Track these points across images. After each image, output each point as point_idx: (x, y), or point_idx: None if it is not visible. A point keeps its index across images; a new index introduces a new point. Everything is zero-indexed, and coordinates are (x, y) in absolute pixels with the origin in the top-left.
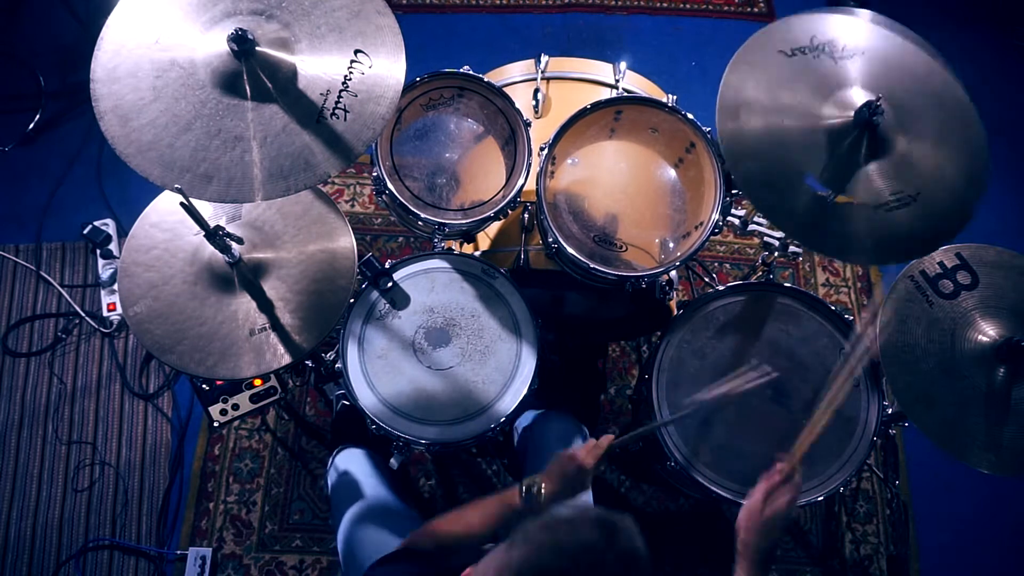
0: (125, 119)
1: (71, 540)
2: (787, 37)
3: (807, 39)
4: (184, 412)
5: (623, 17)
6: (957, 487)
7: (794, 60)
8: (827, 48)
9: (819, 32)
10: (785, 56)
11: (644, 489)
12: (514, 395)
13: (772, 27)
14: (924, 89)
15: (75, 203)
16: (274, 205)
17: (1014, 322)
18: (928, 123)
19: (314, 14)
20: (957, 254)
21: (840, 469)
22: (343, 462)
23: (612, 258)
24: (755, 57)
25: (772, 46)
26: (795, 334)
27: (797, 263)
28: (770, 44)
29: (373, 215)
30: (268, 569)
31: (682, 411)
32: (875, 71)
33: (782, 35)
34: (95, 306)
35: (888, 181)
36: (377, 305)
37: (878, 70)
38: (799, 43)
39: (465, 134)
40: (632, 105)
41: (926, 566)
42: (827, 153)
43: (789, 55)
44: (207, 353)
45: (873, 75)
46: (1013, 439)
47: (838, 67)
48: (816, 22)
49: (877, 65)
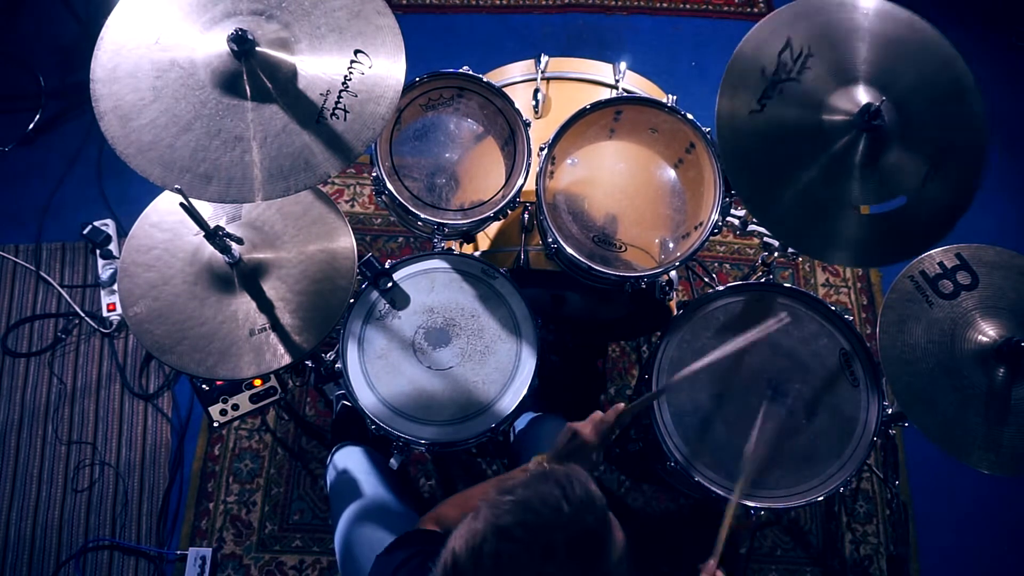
0: (125, 119)
1: (71, 540)
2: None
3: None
4: (184, 412)
5: (623, 17)
6: (957, 487)
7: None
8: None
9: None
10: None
11: (644, 489)
12: (514, 395)
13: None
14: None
15: (75, 203)
16: (274, 205)
17: (1014, 322)
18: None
19: (314, 14)
20: (957, 254)
21: (840, 469)
22: (342, 460)
23: (612, 258)
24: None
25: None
26: (795, 334)
27: (797, 263)
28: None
29: (373, 215)
30: (268, 569)
31: (695, 365)
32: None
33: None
34: (95, 306)
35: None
36: (377, 305)
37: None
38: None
39: (465, 134)
40: (632, 105)
41: (926, 566)
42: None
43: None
44: (207, 353)
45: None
46: (1013, 439)
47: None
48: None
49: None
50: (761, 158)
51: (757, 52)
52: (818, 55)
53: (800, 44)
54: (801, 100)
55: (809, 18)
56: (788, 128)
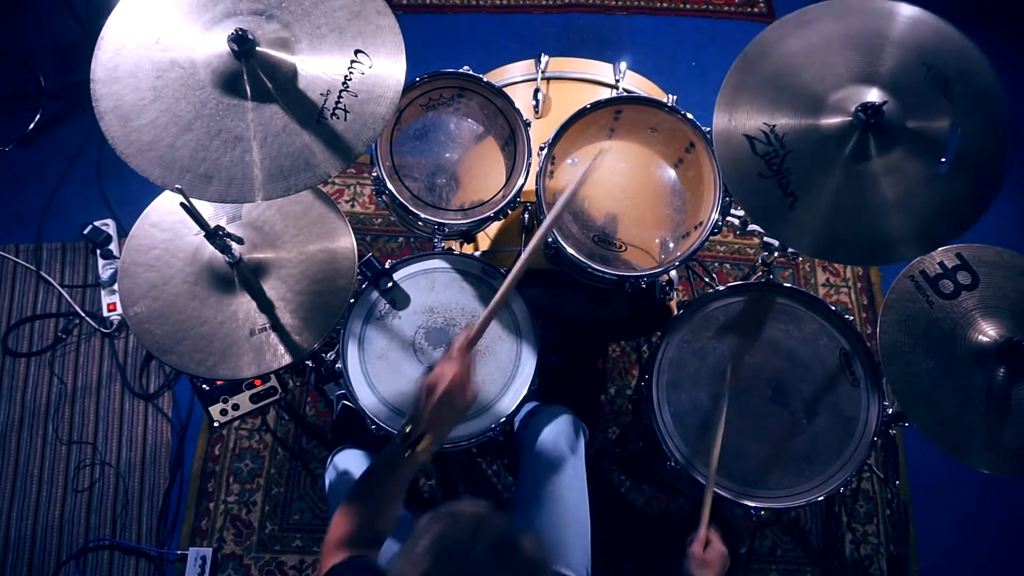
0: (125, 119)
1: (71, 540)
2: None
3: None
4: (184, 412)
5: (623, 17)
6: (957, 487)
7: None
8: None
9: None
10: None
11: (644, 489)
12: (514, 395)
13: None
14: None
15: (75, 203)
16: (274, 205)
17: (1014, 322)
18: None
19: (314, 14)
20: (957, 254)
21: (840, 469)
22: (342, 462)
23: (612, 258)
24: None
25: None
26: (795, 334)
27: (797, 263)
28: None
29: (373, 215)
30: (268, 569)
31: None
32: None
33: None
34: (95, 306)
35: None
36: (377, 305)
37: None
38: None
39: (465, 134)
40: (632, 105)
41: (926, 566)
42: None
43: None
44: (207, 353)
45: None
46: (1013, 439)
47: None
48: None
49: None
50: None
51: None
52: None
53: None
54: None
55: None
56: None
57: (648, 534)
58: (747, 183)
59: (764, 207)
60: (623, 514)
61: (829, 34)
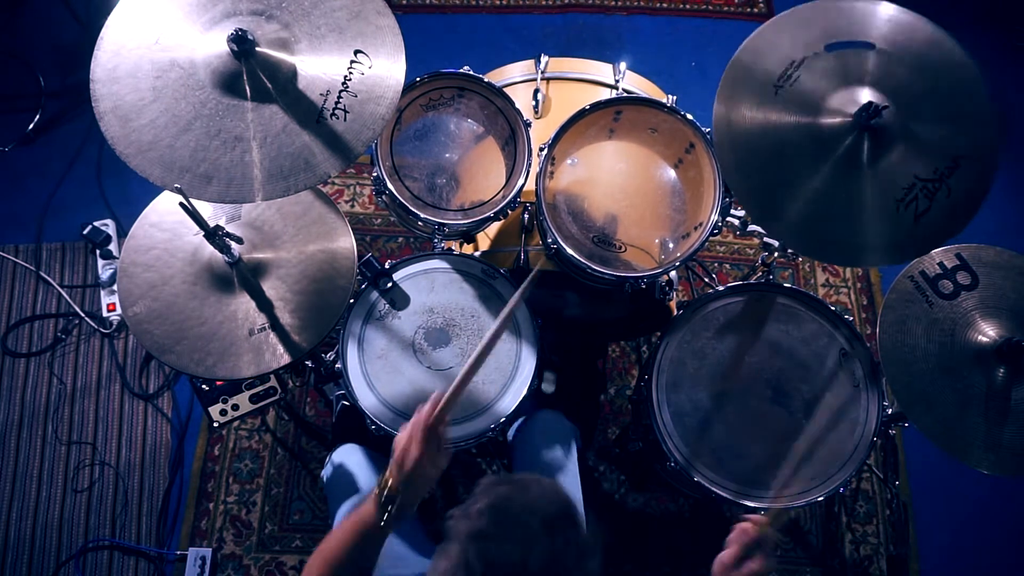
0: (125, 119)
1: (71, 540)
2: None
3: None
4: (184, 412)
5: (623, 17)
6: (957, 487)
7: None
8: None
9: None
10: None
11: (644, 490)
12: (514, 395)
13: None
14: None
15: (75, 203)
16: (274, 205)
17: (1014, 322)
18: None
19: (314, 14)
20: (957, 254)
21: (840, 469)
22: (340, 456)
23: (611, 259)
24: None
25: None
26: (795, 334)
27: (797, 263)
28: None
29: (373, 215)
30: (268, 569)
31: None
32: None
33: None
34: (95, 306)
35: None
36: (377, 305)
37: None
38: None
39: (465, 134)
40: (632, 105)
41: (926, 566)
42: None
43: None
44: (207, 353)
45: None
46: (1013, 439)
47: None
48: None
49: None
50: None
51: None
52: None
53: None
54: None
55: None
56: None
57: (648, 534)
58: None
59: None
60: (623, 515)
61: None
